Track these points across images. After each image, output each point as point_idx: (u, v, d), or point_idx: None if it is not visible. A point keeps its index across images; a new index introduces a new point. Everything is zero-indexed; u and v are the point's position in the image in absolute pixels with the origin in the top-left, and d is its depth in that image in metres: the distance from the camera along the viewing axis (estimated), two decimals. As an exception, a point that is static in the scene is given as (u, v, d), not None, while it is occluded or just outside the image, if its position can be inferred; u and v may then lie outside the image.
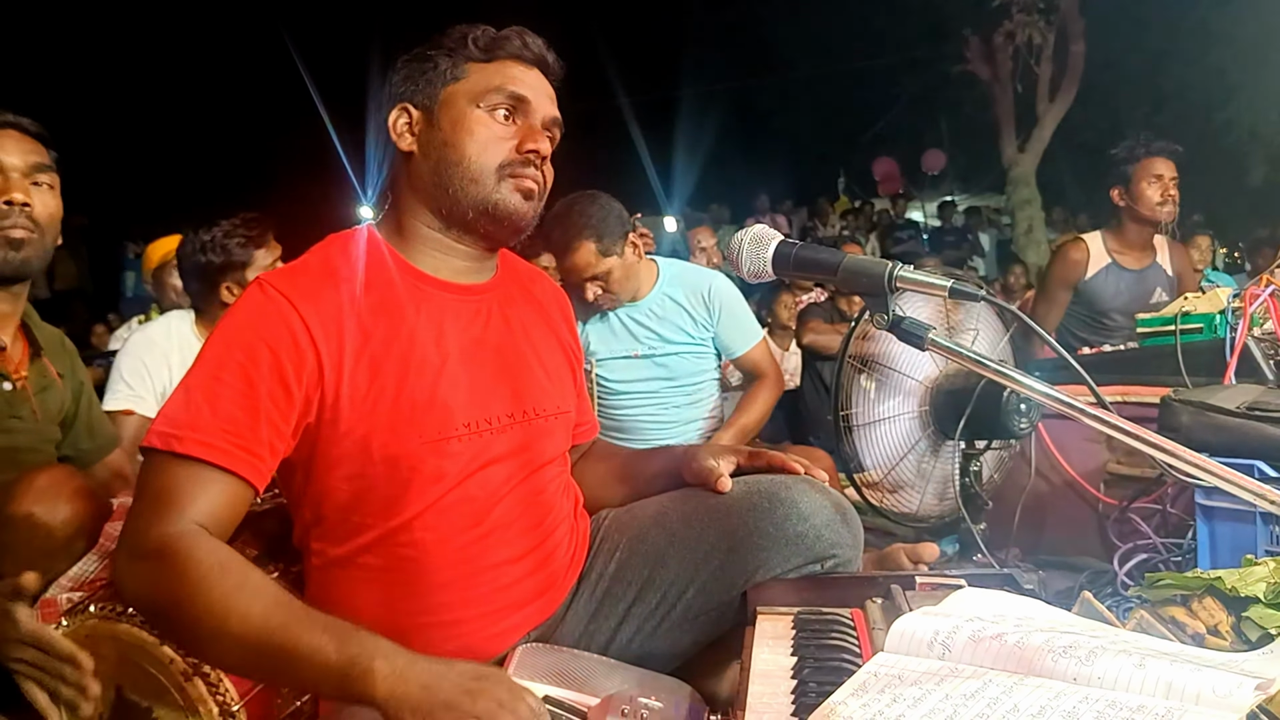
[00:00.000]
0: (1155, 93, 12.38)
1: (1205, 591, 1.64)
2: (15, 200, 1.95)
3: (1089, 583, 2.27)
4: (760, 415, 3.26)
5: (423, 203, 1.56)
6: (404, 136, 1.57)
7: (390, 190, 1.62)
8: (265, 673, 1.36)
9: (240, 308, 1.46)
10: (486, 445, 1.53)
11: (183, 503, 1.32)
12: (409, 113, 1.57)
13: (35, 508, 1.71)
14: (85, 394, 2.25)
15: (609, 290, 3.03)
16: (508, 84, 1.55)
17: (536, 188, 1.57)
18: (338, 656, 1.17)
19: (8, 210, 1.95)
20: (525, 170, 1.54)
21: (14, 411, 2.02)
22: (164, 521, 1.31)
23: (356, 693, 1.16)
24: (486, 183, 1.52)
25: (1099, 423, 1.16)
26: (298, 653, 1.20)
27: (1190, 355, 2.60)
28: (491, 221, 1.54)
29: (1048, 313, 4.15)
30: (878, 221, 13.99)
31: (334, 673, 1.17)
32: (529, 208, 1.57)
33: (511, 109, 1.56)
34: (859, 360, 2.60)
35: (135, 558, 1.32)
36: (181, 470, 1.34)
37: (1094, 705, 0.94)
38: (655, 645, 1.61)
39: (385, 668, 1.15)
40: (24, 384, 2.05)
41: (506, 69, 1.57)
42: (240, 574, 1.27)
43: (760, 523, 1.56)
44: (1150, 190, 3.90)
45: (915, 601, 1.32)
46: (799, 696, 1.14)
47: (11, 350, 2.05)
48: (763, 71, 15.73)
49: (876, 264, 1.33)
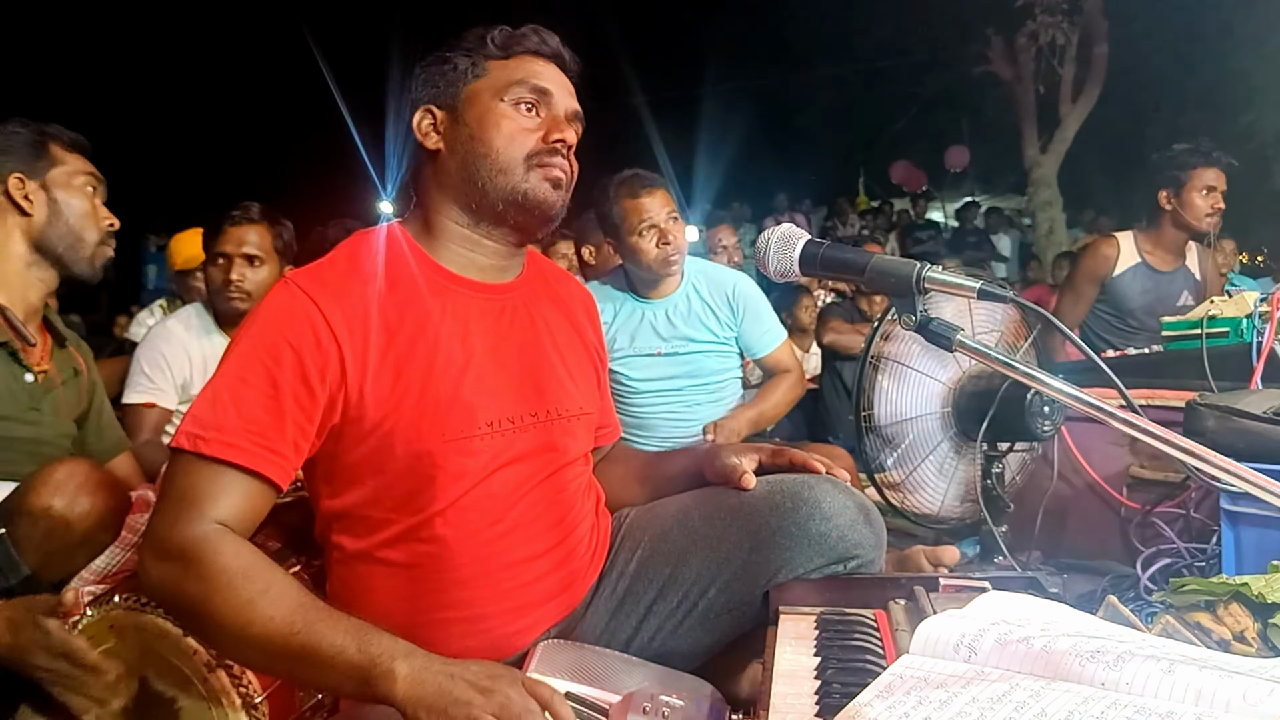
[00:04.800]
0: (1178, 95, 12.30)
1: (1231, 597, 1.62)
2: (113, 223, 2.20)
3: (1111, 587, 2.25)
4: (778, 405, 3.25)
5: (451, 199, 1.57)
6: (429, 136, 1.58)
7: (415, 189, 1.63)
8: (288, 673, 1.39)
9: (266, 306, 1.46)
10: (509, 444, 1.53)
11: (207, 503, 1.34)
12: (433, 114, 1.58)
13: (54, 500, 1.72)
14: (97, 395, 2.28)
15: (678, 245, 3.06)
16: (529, 77, 1.57)
17: (564, 177, 1.58)
18: (359, 658, 1.20)
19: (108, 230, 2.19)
20: (553, 159, 1.55)
21: (35, 404, 2.04)
22: (188, 522, 1.32)
23: (377, 694, 1.18)
24: (515, 173, 1.53)
25: (1128, 426, 1.15)
26: (320, 655, 1.22)
27: (1216, 359, 2.57)
28: (521, 212, 1.55)
29: (1073, 308, 4.13)
30: (897, 221, 13.94)
31: (355, 674, 1.20)
32: (558, 196, 1.58)
33: (535, 101, 1.57)
34: (881, 360, 2.59)
35: (160, 557, 1.34)
36: (206, 471, 1.35)
37: (1123, 711, 0.93)
38: (677, 643, 1.61)
39: (404, 669, 1.18)
40: (45, 378, 2.07)
41: (526, 64, 1.59)
42: (264, 579, 1.29)
43: (783, 522, 1.55)
44: (1201, 201, 3.87)
45: (939, 604, 1.31)
46: (823, 697, 1.14)
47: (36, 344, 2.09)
48: (783, 70, 15.69)
49: (905, 264, 1.33)
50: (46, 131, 2.13)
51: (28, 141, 2.10)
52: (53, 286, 2.15)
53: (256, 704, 1.50)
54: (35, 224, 2.08)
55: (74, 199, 2.12)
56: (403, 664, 1.18)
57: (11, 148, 2.08)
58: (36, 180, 2.09)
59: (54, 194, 2.10)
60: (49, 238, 2.09)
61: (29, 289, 2.09)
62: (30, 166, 2.09)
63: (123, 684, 1.53)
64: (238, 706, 1.48)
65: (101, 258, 2.18)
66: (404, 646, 1.22)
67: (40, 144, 2.11)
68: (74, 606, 1.51)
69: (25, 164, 2.08)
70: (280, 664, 1.30)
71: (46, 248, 2.10)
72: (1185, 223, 3.94)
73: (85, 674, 1.51)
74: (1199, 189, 3.87)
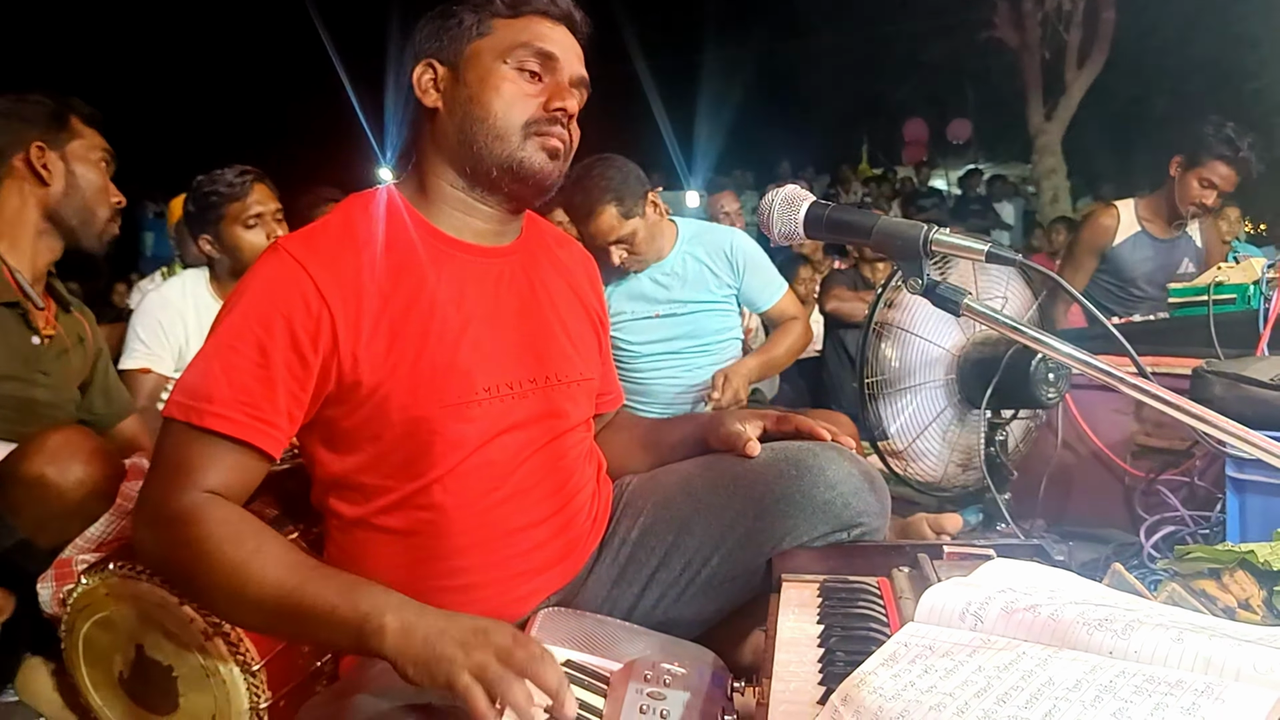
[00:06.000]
0: (1185, 62, 12.20)
1: (1236, 565, 1.62)
2: (120, 201, 2.23)
3: (1115, 555, 2.25)
4: (788, 350, 3.25)
5: (447, 161, 1.54)
6: (429, 93, 1.54)
7: (413, 149, 1.60)
8: (284, 632, 1.40)
9: (256, 273, 1.44)
10: (508, 410, 1.51)
11: (198, 473, 1.34)
12: (434, 68, 1.54)
13: (47, 468, 1.71)
14: (102, 358, 2.29)
15: (634, 252, 3.01)
16: (535, 40, 1.52)
17: (562, 146, 1.54)
18: (351, 615, 1.20)
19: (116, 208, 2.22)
20: (551, 128, 1.51)
21: (41, 366, 2.05)
22: (180, 490, 1.33)
23: (369, 648, 1.18)
24: (512, 140, 1.49)
25: (1138, 391, 1.13)
26: (313, 614, 1.22)
27: (1223, 326, 2.55)
28: (515, 180, 1.52)
29: (1074, 279, 4.10)
30: (900, 189, 13.86)
31: (349, 630, 1.19)
32: (554, 167, 1.54)
33: (539, 66, 1.52)
34: (885, 327, 2.57)
35: (152, 524, 1.35)
36: (198, 441, 1.35)
37: (1131, 679, 0.92)
38: (679, 611, 1.60)
39: (394, 624, 1.17)
40: (52, 341, 2.08)
41: (533, 25, 1.53)
42: (254, 541, 1.29)
43: (787, 489, 1.54)
44: (1197, 189, 3.85)
45: (943, 571, 1.30)
46: (826, 665, 1.12)
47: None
48: (786, 36, 15.58)
49: (912, 226, 1.31)
50: (68, 104, 2.15)
51: (51, 112, 2.12)
52: (58, 255, 2.16)
53: (254, 671, 1.49)
54: (52, 194, 2.11)
55: (90, 173, 2.15)
56: (392, 618, 1.17)
57: (36, 117, 2.11)
58: (57, 151, 2.11)
59: (72, 166, 2.13)
60: (63, 209, 2.12)
61: (38, 256, 2.11)
62: (53, 137, 2.11)
63: (119, 633, 1.54)
64: (235, 674, 1.48)
65: (109, 233, 2.21)
66: (395, 600, 1.21)
67: (62, 116, 2.13)
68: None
69: (47, 134, 2.10)
70: (277, 624, 1.31)
71: (60, 219, 2.12)
72: (1174, 196, 3.93)
73: None
74: (1204, 178, 3.83)
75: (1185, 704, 0.87)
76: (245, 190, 2.92)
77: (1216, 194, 3.84)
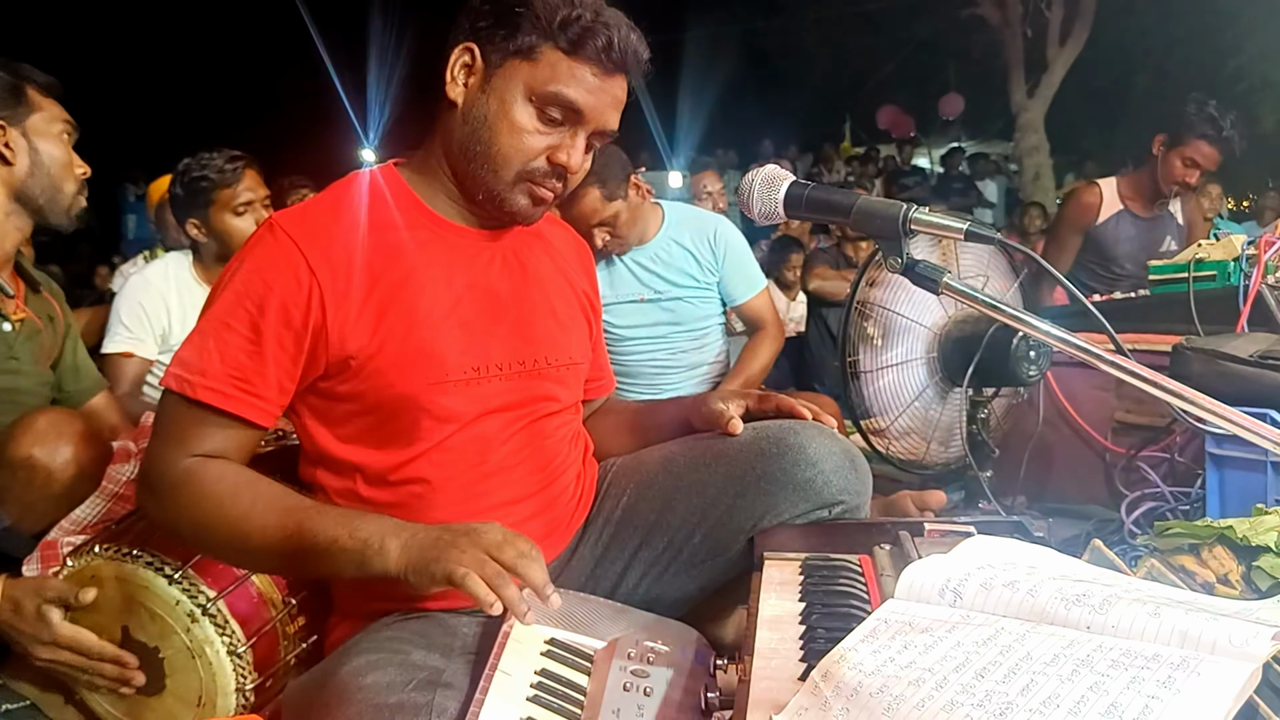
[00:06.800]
0: (1166, 38, 12.23)
1: (1216, 540, 1.63)
2: (85, 171, 2.12)
3: (1096, 531, 2.26)
4: (763, 366, 3.29)
5: (448, 156, 1.53)
6: (456, 83, 1.49)
7: (431, 126, 1.56)
8: (295, 571, 1.54)
9: (250, 250, 1.46)
10: (495, 391, 1.52)
11: (193, 442, 1.41)
12: (471, 56, 1.48)
13: (35, 450, 1.71)
14: (71, 336, 2.24)
15: (617, 235, 3.01)
16: (570, 94, 1.45)
17: (552, 196, 1.52)
18: (353, 544, 1.29)
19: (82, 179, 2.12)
20: (546, 180, 1.49)
21: (14, 353, 2.01)
22: (176, 458, 1.41)
23: (375, 570, 1.28)
24: (504, 178, 1.47)
25: (1117, 369, 1.14)
26: (318, 550, 1.31)
27: (1203, 303, 2.56)
28: (497, 210, 1.52)
29: (1058, 258, 4.12)
30: (883, 168, 13.87)
31: (353, 559, 1.29)
32: (537, 213, 1.54)
33: (562, 115, 1.47)
34: (866, 306, 2.58)
35: (153, 492, 1.42)
36: (193, 413, 1.41)
37: (1108, 654, 0.93)
38: (662, 590, 1.61)
39: (394, 544, 1.27)
40: (23, 325, 2.05)
41: (579, 71, 1.45)
42: (249, 493, 1.38)
43: (768, 467, 1.54)
44: (1180, 168, 3.85)
45: (924, 548, 1.31)
46: (808, 642, 1.13)
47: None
48: (769, 14, 15.50)
49: (891, 205, 1.31)
50: (22, 74, 2.02)
51: (6, 85, 1.98)
52: (27, 234, 2.09)
53: (240, 652, 1.50)
54: (17, 174, 1.99)
55: (54, 148, 2.03)
56: (392, 539, 1.28)
57: None
58: (17, 128, 1.98)
59: (34, 143, 2.00)
60: (29, 188, 2.01)
61: (4, 238, 2.02)
62: (11, 113, 1.98)
63: (105, 615, 1.54)
64: (221, 655, 1.48)
65: (77, 208, 2.10)
66: (391, 524, 1.31)
67: (18, 88, 1.99)
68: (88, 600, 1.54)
69: (5, 110, 1.97)
70: (286, 565, 1.45)
71: (26, 198, 2.02)
72: (1156, 174, 3.94)
73: (99, 665, 1.52)
74: (1187, 157, 3.83)
75: (1161, 677, 0.88)
76: (236, 177, 2.90)
77: (1199, 173, 3.85)
